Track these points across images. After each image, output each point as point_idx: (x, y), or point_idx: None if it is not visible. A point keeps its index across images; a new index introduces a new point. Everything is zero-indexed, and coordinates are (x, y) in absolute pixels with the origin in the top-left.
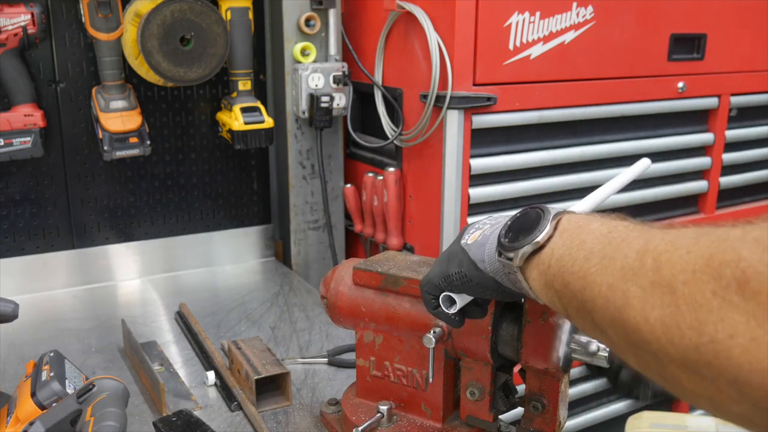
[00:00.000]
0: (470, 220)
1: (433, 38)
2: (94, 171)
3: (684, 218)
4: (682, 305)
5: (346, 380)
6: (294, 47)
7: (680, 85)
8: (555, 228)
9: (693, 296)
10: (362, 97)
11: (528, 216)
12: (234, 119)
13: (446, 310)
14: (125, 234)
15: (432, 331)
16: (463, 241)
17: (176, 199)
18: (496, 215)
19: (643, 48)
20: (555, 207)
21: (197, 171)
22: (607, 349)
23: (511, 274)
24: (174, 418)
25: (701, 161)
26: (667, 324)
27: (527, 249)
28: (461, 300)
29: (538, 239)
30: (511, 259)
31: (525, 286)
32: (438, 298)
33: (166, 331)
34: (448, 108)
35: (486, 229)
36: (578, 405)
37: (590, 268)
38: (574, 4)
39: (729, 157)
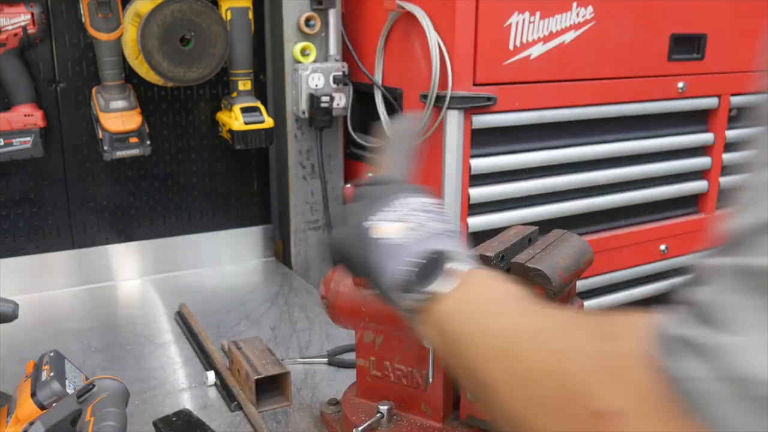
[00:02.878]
0: (470, 220)
1: (433, 38)
2: (94, 171)
3: (684, 218)
4: (534, 403)
5: (346, 380)
6: (294, 47)
7: (680, 85)
8: (459, 281)
9: (542, 397)
10: (362, 97)
11: (436, 262)
12: (234, 119)
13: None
14: (125, 234)
15: None
16: (372, 225)
17: (176, 199)
18: (419, 201)
19: (643, 48)
20: (464, 254)
21: (197, 171)
22: None
23: (402, 313)
24: (174, 418)
25: (701, 161)
26: (524, 415)
27: (424, 297)
28: None
29: (441, 290)
30: (407, 299)
31: (415, 328)
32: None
33: (166, 331)
34: (448, 108)
35: (403, 233)
36: None
37: (474, 334)
38: (574, 4)
39: (729, 157)
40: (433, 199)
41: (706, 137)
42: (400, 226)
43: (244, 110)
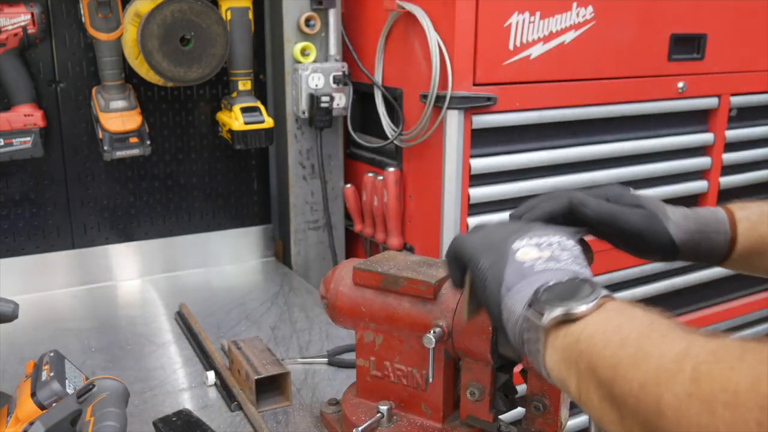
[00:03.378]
0: (470, 220)
1: (433, 38)
2: (94, 171)
3: None
4: (722, 430)
5: (346, 380)
6: (294, 47)
7: (680, 85)
8: (596, 303)
9: (735, 422)
10: (362, 97)
11: (573, 283)
12: (234, 119)
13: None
14: (125, 234)
15: (432, 331)
16: (514, 246)
17: (176, 199)
18: (561, 240)
19: (643, 48)
20: (601, 283)
21: (197, 171)
22: None
23: (526, 332)
24: (174, 418)
25: (701, 161)
26: None
27: (560, 313)
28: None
29: (580, 309)
30: (540, 314)
31: (533, 349)
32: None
33: (166, 331)
34: (448, 108)
35: (542, 261)
36: None
37: (623, 358)
38: (574, 4)
39: (729, 157)
40: (576, 243)
41: (706, 137)
42: (540, 254)
43: (244, 110)
